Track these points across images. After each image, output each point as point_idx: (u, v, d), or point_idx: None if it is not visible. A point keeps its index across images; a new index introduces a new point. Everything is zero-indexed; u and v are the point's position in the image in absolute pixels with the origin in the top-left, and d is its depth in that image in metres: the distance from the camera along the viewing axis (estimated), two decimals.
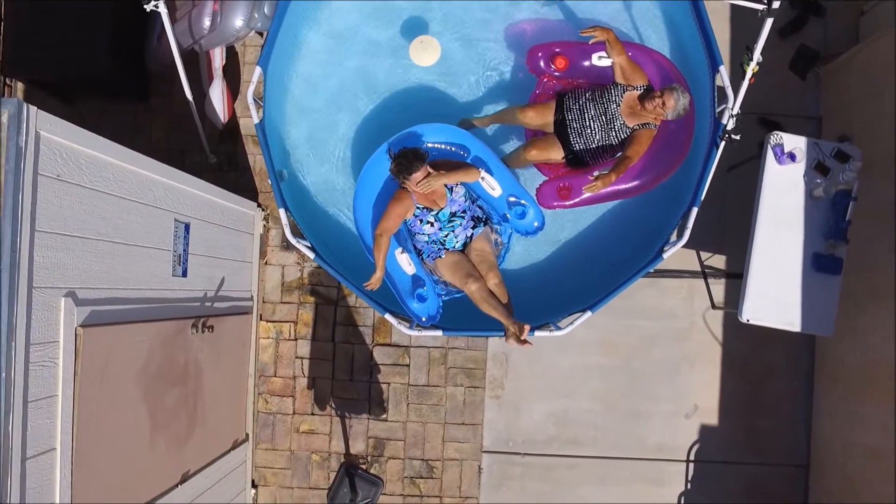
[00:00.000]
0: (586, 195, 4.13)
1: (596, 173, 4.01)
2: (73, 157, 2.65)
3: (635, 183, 4.23)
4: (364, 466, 4.92)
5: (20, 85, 5.07)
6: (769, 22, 3.21)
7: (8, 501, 2.28)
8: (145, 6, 3.35)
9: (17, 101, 2.32)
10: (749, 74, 3.49)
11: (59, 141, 2.55)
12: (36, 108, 2.41)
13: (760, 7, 3.09)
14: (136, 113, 5.16)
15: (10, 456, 2.32)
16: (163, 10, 3.37)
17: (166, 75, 4.97)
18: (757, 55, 3.39)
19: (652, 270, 4.50)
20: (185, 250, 3.71)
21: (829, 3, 5.08)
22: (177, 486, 3.66)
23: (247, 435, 4.86)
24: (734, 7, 4.71)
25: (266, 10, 4.26)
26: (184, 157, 5.08)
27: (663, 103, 3.90)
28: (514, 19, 4.55)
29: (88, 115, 5.15)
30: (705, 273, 4.92)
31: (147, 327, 3.26)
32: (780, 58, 5.07)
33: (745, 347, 4.97)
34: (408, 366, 4.92)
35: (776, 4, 3.09)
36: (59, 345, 2.59)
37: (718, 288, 4.94)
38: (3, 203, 2.28)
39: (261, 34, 4.54)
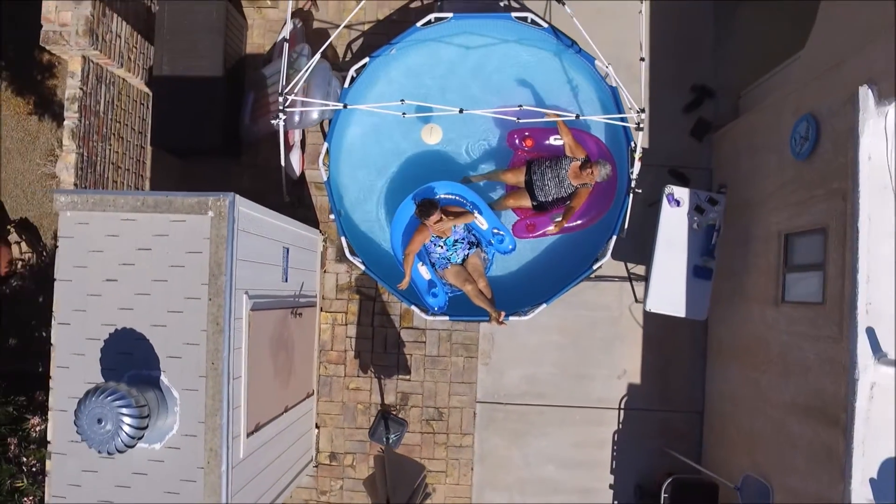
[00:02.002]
0: (547, 229, 6.30)
1: (555, 219, 6.19)
2: (247, 217, 4.81)
3: (578, 222, 6.39)
4: (394, 412, 7.06)
5: (149, 148, 7.25)
6: (640, 134, 5.35)
7: (240, 402, 4.44)
8: (272, 122, 5.50)
9: (232, 194, 4.48)
10: (636, 159, 5.63)
11: (244, 210, 4.72)
12: (236, 193, 4.57)
13: (633, 126, 5.22)
14: (231, 166, 7.30)
15: (228, 376, 4.48)
16: (281, 125, 5.52)
17: (253, 142, 7.17)
18: (639, 150, 5.54)
19: (592, 276, 6.67)
20: (286, 265, 5.87)
21: (719, 88, 7.22)
22: (282, 413, 5.82)
23: (313, 390, 7.01)
24: (651, 95, 6.91)
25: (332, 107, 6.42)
26: (265, 198, 7.16)
27: (593, 172, 6.04)
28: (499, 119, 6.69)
29: (197, 167, 7.33)
30: (631, 277, 7.05)
31: (274, 312, 5.43)
32: (684, 126, 7.23)
33: (660, 330, 7.08)
34: (424, 342, 7.07)
35: (644, 125, 5.22)
36: (243, 320, 4.75)
37: (640, 288, 7.06)
38: (226, 247, 4.44)
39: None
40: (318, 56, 5.57)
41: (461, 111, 5.09)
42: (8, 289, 8.14)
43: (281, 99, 5.36)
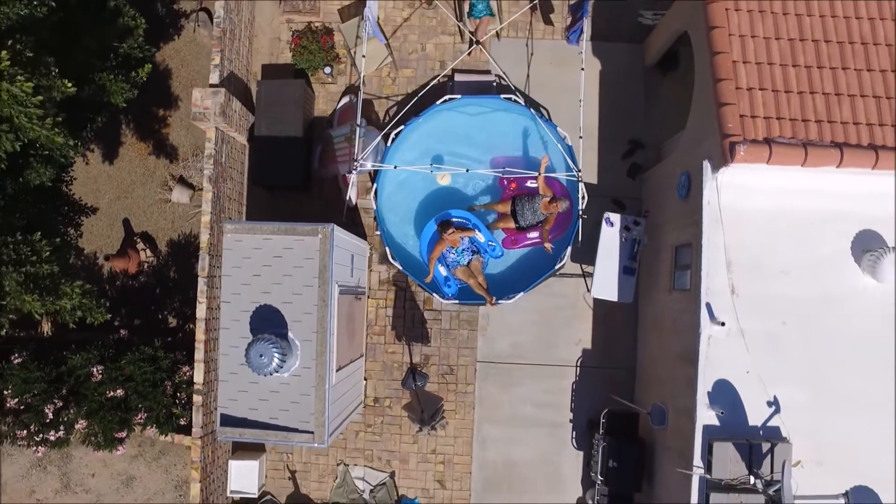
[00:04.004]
0: (530, 241, 9.36)
1: (532, 235, 9.24)
2: (337, 237, 7.85)
3: (548, 238, 9.44)
4: (420, 369, 10.10)
5: (246, 184, 10.30)
6: (581, 184, 8.38)
7: (333, 350, 7.52)
8: (346, 174, 8.54)
9: (332, 224, 7.53)
10: (582, 198, 8.66)
11: (337, 233, 7.76)
12: (333, 224, 7.62)
13: (576, 177, 8.24)
14: (302, 197, 10.34)
15: (329, 333, 7.53)
16: (351, 177, 8.57)
17: (319, 180, 10.22)
18: (582, 191, 8.58)
19: (557, 273, 9.71)
20: (352, 266, 8.92)
21: (648, 141, 10.25)
22: (349, 363, 8.86)
23: (363, 353, 10.05)
24: (599, 145, 9.95)
25: (380, 157, 9.47)
26: (328, 219, 10.18)
27: (556, 206, 9.07)
28: (495, 164, 9.73)
29: (280, 198, 10.37)
30: (584, 274, 10.09)
31: (346, 297, 8.47)
32: (623, 168, 10.26)
33: (605, 312, 10.09)
34: (440, 319, 10.13)
35: (583, 178, 8.25)
36: (335, 300, 7.79)
37: (590, 281, 10.10)
38: (329, 256, 7.49)
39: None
40: (379, 138, 8.65)
41: (467, 170, 8.16)
42: (137, 284, 11.20)
43: (356, 163, 8.44)
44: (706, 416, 7.39)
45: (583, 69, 8.97)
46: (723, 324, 7.27)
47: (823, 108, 7.09)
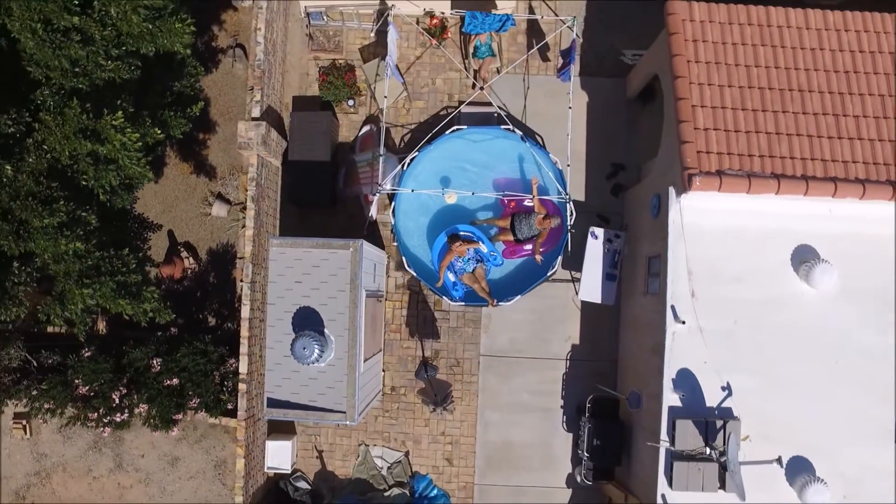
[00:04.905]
0: (526, 252, 10.89)
1: (528, 247, 10.78)
2: (365, 250, 9.39)
3: (542, 249, 10.97)
4: (431, 361, 11.63)
5: (279, 201, 11.83)
6: (570, 203, 9.93)
7: (361, 344, 9.06)
8: (369, 194, 10.07)
9: (361, 240, 9.08)
10: (570, 215, 10.20)
11: (365, 247, 9.30)
12: (362, 239, 9.16)
13: (564, 199, 9.78)
14: (330, 214, 11.87)
15: (359, 331, 9.07)
16: (374, 199, 10.11)
17: (343, 199, 11.76)
18: (570, 208, 10.11)
19: (549, 279, 11.26)
20: (375, 273, 10.45)
21: (629, 164, 11.78)
22: (371, 356, 10.39)
23: (381, 348, 11.57)
24: (587, 167, 11.49)
25: (397, 180, 11.02)
26: (351, 232, 11.76)
27: (549, 222, 10.59)
28: (496, 184, 11.27)
29: (309, 214, 11.90)
30: (573, 280, 11.62)
31: (370, 299, 10.00)
32: (607, 187, 11.80)
33: (593, 312, 11.62)
34: (448, 319, 11.67)
35: (572, 197, 9.80)
36: (363, 302, 9.33)
37: (579, 286, 11.62)
38: (359, 266, 9.03)
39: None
40: (399, 167, 10.20)
41: (473, 193, 9.72)
42: (181, 288, 12.73)
43: (379, 186, 10.00)
44: (671, 399, 8.92)
45: (570, 108, 10.51)
46: (684, 322, 8.80)
47: (766, 145, 8.62)
